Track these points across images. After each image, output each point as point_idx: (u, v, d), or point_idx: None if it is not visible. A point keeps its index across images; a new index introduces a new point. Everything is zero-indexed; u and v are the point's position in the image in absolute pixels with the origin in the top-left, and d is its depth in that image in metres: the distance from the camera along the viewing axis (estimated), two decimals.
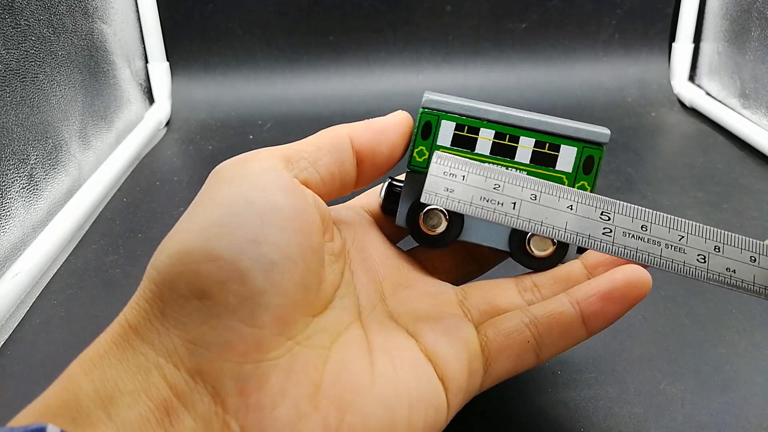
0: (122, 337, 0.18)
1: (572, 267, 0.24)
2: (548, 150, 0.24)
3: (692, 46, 0.69)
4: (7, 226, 0.37)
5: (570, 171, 0.24)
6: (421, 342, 0.21)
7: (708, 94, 0.66)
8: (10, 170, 0.38)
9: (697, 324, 0.32)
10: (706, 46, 0.68)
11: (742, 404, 0.27)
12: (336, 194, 0.23)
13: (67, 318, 0.34)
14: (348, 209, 0.26)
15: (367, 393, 0.19)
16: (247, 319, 0.17)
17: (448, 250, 0.27)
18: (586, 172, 0.24)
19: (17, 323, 0.34)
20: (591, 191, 0.23)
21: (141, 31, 0.66)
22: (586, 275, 0.24)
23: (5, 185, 0.37)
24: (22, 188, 0.39)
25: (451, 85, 0.69)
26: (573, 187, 0.24)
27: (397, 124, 0.23)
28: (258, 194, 0.19)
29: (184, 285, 0.17)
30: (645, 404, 0.27)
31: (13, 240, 0.37)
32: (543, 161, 0.24)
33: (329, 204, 0.23)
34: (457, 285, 0.25)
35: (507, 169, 0.23)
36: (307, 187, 0.21)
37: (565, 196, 0.21)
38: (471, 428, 0.26)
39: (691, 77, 0.70)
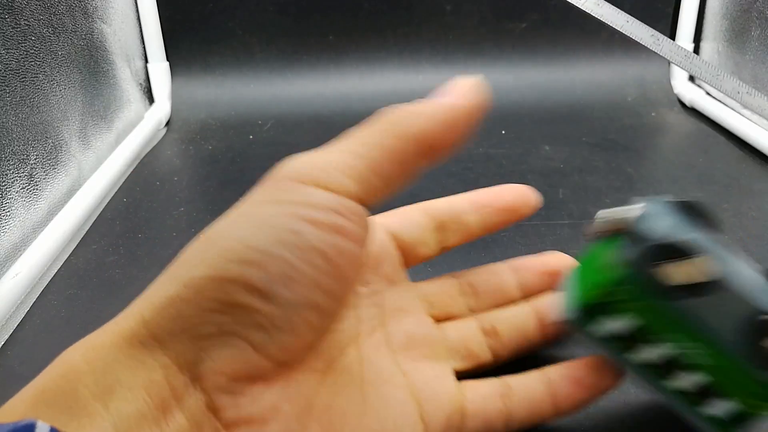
0: (134, 333, 0.17)
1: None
2: None
3: (692, 46, 0.69)
4: (7, 226, 0.37)
5: None
6: (410, 380, 0.21)
7: (708, 94, 0.66)
8: (10, 170, 0.38)
9: None
10: (706, 46, 0.68)
11: None
12: None
13: (67, 318, 0.34)
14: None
15: (355, 423, 0.19)
16: (257, 345, 0.18)
17: None
18: None
19: (17, 323, 0.34)
20: None
21: (141, 31, 0.66)
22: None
23: (5, 185, 0.37)
24: (22, 188, 0.39)
25: None
26: None
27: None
28: (308, 228, 0.18)
29: (213, 298, 0.17)
30: (645, 404, 0.27)
31: (13, 240, 0.37)
32: None
33: None
34: None
35: None
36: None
37: None
38: None
39: (691, 77, 0.70)
